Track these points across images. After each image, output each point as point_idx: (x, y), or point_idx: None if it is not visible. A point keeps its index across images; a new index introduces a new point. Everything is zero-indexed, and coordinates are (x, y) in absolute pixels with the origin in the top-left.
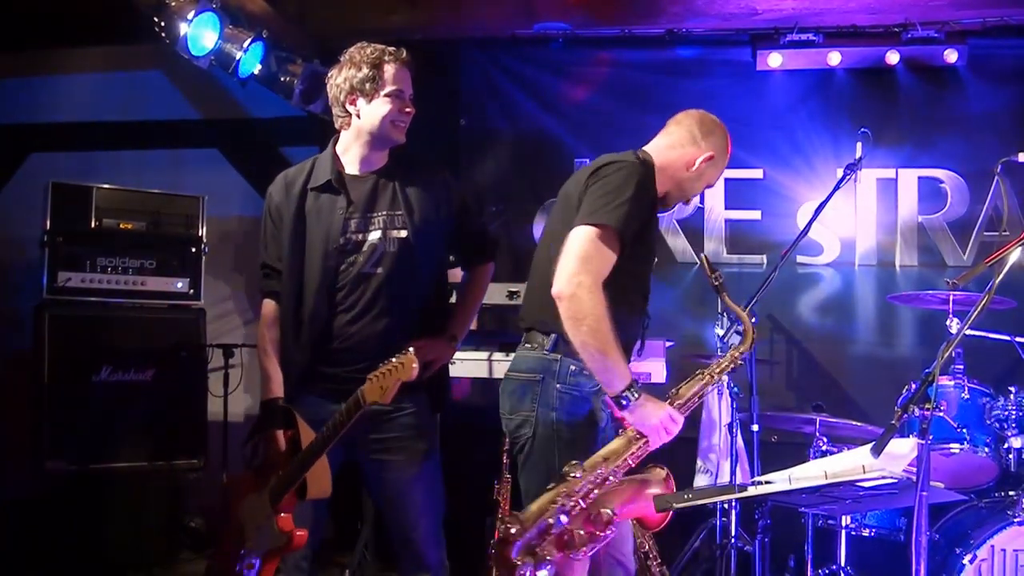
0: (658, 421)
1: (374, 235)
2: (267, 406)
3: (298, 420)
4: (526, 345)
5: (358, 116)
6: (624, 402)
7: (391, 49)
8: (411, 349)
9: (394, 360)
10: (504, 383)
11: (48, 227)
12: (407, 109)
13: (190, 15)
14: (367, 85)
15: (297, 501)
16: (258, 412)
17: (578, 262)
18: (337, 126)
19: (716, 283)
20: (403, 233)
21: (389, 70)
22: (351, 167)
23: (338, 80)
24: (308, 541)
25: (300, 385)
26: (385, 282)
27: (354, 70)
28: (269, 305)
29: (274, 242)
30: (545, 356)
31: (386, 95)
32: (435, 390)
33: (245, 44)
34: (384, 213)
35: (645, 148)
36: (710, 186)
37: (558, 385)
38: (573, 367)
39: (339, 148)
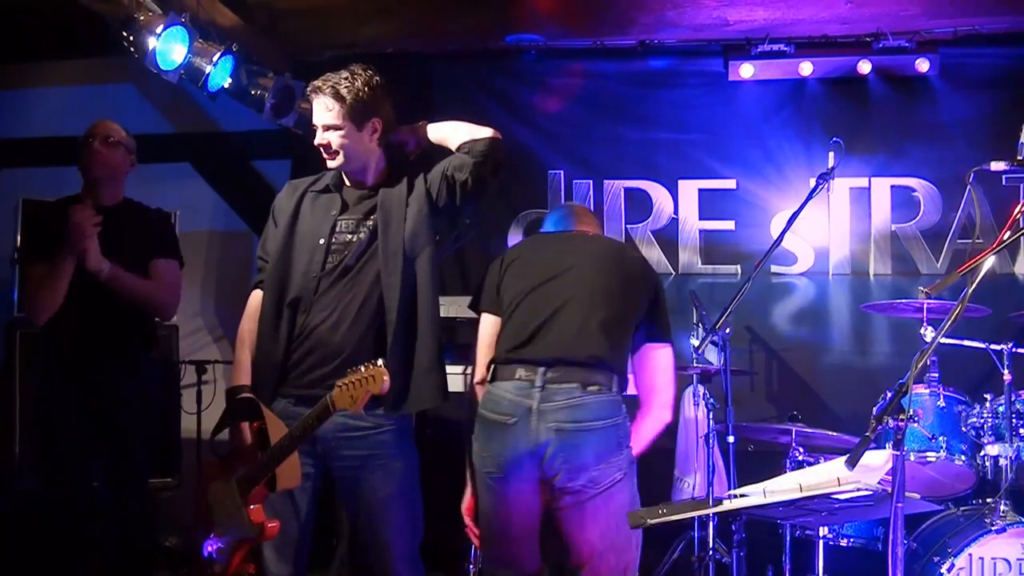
0: None
1: (360, 236)
2: (231, 395)
3: (264, 411)
4: (591, 388)
5: None
6: None
7: (313, 83)
8: (381, 361)
9: (362, 370)
10: (581, 435)
11: (19, 244)
12: (316, 142)
13: (159, 29)
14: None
15: (268, 493)
16: (225, 401)
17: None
18: None
19: None
20: (389, 241)
21: (313, 98)
22: (347, 179)
23: None
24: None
25: (272, 388)
26: (366, 285)
27: None
28: (255, 296)
29: (272, 237)
30: (615, 398)
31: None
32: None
33: (215, 58)
34: (373, 220)
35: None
36: None
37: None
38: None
39: None
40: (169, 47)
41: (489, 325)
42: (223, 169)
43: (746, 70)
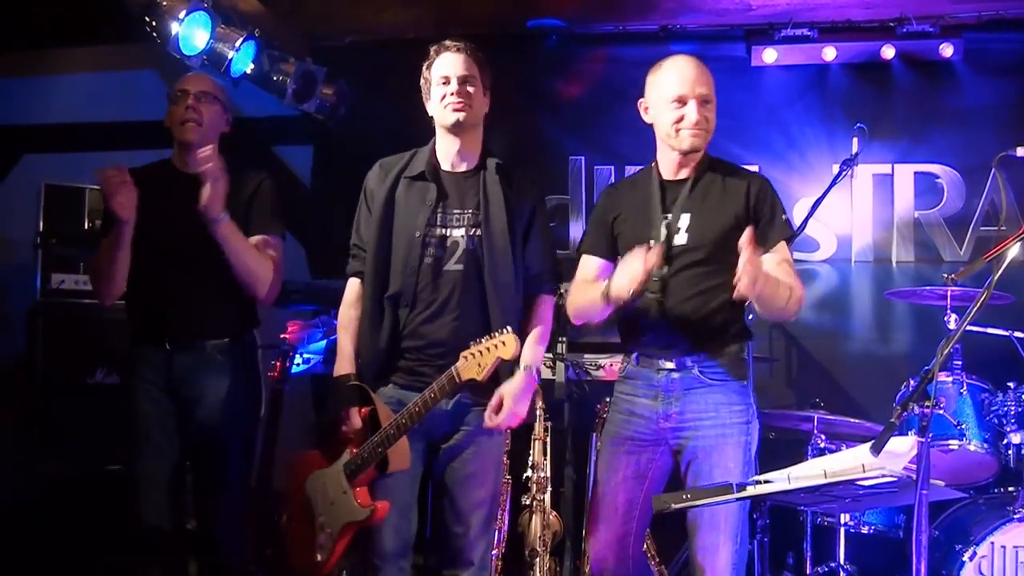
0: None
1: (457, 232)
2: (338, 383)
3: (373, 396)
4: None
5: (429, 115)
6: None
7: (441, 43)
8: (509, 328)
9: (496, 338)
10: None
11: (41, 229)
12: (453, 91)
13: (181, 14)
14: (425, 85)
15: (377, 475)
16: (332, 389)
17: None
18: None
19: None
20: (483, 236)
21: (435, 60)
22: (444, 163)
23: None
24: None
25: (378, 375)
26: (463, 280)
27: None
28: (354, 283)
29: (366, 224)
30: None
31: (437, 85)
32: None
33: (237, 43)
34: (471, 211)
35: None
36: (677, 121)
37: None
38: None
39: (436, 144)
40: (192, 32)
41: None
42: (244, 155)
43: (769, 55)
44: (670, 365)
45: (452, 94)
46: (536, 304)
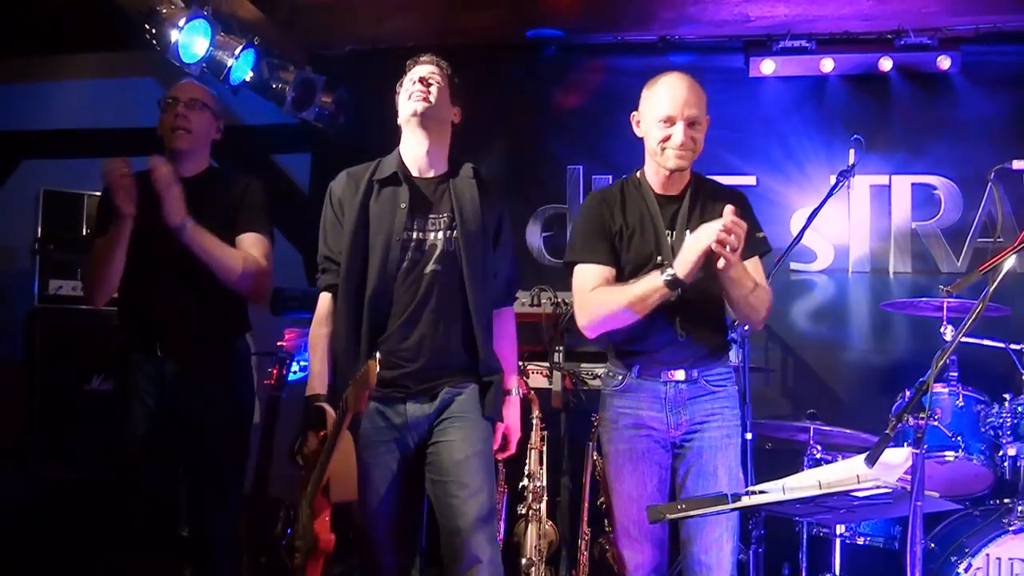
0: None
1: (433, 234)
2: (307, 404)
3: (328, 421)
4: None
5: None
6: None
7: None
8: (378, 355)
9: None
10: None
11: (39, 235)
12: (417, 77)
13: (181, 22)
14: (399, 84)
15: (328, 504)
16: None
17: None
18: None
19: None
20: (460, 237)
21: (409, 71)
22: (412, 169)
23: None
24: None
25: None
26: (440, 280)
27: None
28: (325, 299)
29: (334, 233)
30: None
31: (405, 86)
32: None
33: (236, 51)
34: (445, 215)
35: None
36: (664, 140)
37: None
38: None
39: (401, 149)
40: (191, 40)
41: None
42: (243, 162)
43: (767, 66)
44: (680, 376)
45: (415, 86)
46: (504, 317)
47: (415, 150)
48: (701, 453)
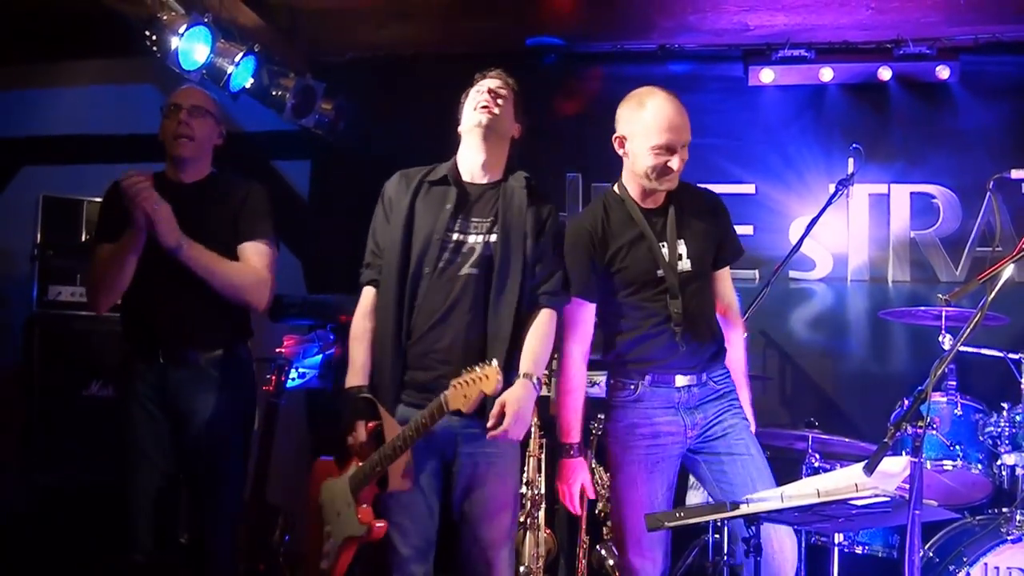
0: None
1: (473, 238)
2: (347, 394)
3: (382, 411)
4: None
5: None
6: None
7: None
8: (495, 362)
9: (478, 371)
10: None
11: (39, 240)
12: (486, 88)
13: (181, 29)
14: (465, 94)
15: (379, 492)
16: (345, 400)
17: None
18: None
19: None
20: (498, 243)
21: (482, 79)
22: (465, 174)
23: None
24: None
25: (395, 389)
26: (475, 284)
27: None
28: (369, 293)
29: (382, 230)
30: None
31: (473, 95)
32: None
33: (237, 58)
34: (489, 219)
35: None
36: (660, 168)
37: None
38: None
39: (458, 155)
40: (192, 47)
41: None
42: (242, 169)
43: (766, 75)
44: (691, 380)
45: (482, 96)
46: (539, 315)
47: (472, 159)
48: (727, 439)
